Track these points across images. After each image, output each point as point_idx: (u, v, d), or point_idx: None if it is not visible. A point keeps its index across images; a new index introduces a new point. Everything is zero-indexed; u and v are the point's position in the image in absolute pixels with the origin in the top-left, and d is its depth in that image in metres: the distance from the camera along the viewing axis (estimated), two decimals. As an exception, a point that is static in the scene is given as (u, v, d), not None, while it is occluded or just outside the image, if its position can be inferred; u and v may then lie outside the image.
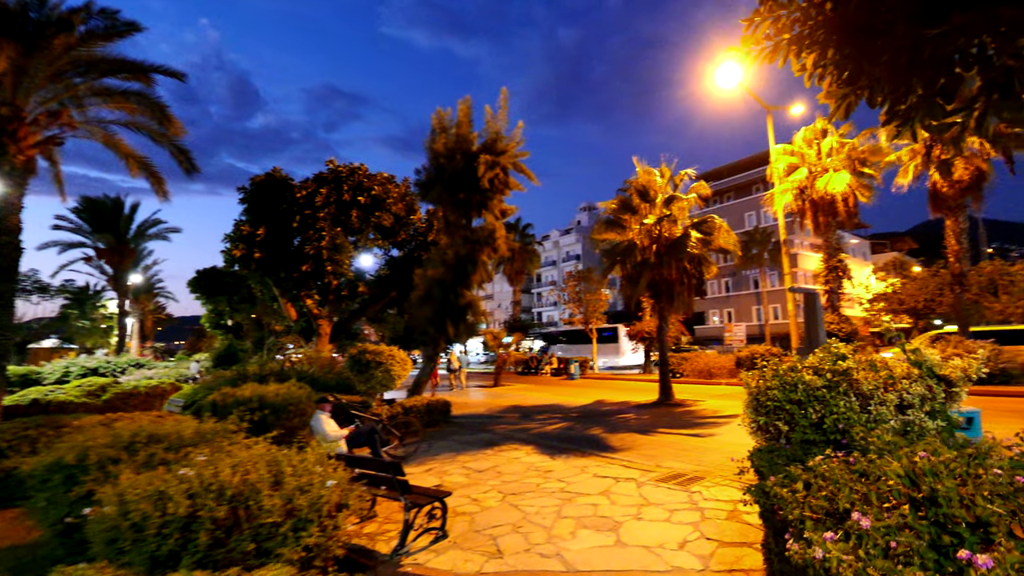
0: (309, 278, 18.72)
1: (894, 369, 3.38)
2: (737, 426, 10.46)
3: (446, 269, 13.25)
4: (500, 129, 13.62)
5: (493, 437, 10.12)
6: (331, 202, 18.38)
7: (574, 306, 29.86)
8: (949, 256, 15.75)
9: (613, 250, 14.68)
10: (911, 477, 1.95)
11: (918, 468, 1.95)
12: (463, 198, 13.50)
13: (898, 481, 1.94)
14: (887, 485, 2.01)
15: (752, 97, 18.94)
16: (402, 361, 10.66)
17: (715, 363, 20.46)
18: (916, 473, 1.95)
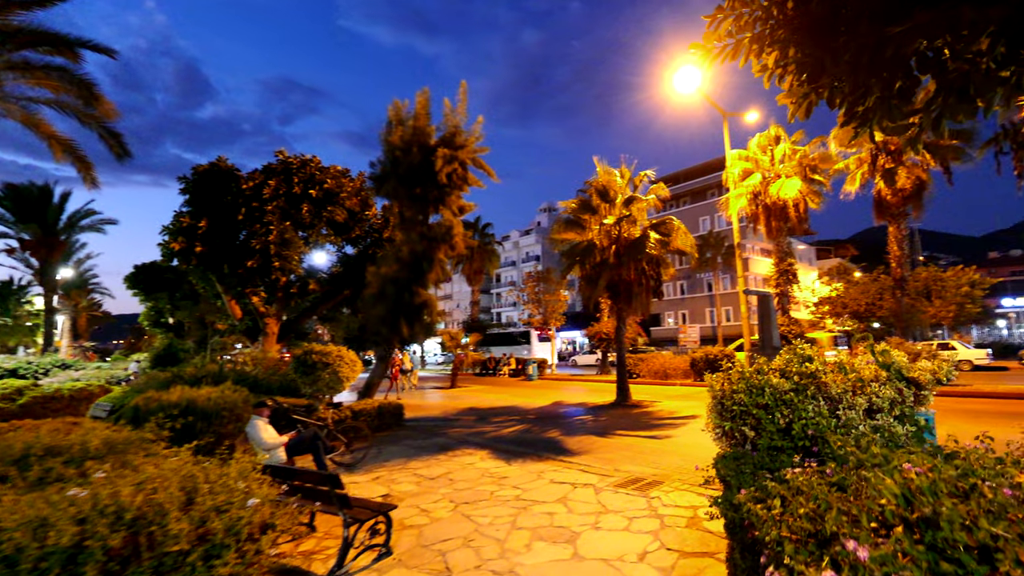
0: (255, 274, 17.76)
1: (862, 371, 3.23)
2: (695, 428, 10.43)
3: (401, 266, 12.74)
4: (459, 123, 13.23)
5: (447, 441, 9.72)
6: (280, 195, 17.50)
7: (533, 307, 29.72)
8: (892, 262, 16.39)
9: (573, 250, 14.52)
10: (907, 496, 1.71)
11: (914, 486, 1.72)
12: (420, 193, 13.04)
13: (893, 501, 1.70)
14: (878, 504, 1.77)
15: (710, 103, 19.24)
16: (351, 362, 10.12)
17: (671, 364, 20.66)
18: (912, 491, 1.72)
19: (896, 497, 1.69)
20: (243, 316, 20.97)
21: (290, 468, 4.50)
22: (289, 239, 17.67)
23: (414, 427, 11.61)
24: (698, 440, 8.90)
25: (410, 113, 13.42)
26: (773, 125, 18.91)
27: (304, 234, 19.73)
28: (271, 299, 20.22)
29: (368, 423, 10.49)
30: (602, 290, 14.08)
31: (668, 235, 13.59)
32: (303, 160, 18.48)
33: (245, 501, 3.21)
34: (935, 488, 1.68)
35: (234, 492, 3.29)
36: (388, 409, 11.12)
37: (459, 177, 12.94)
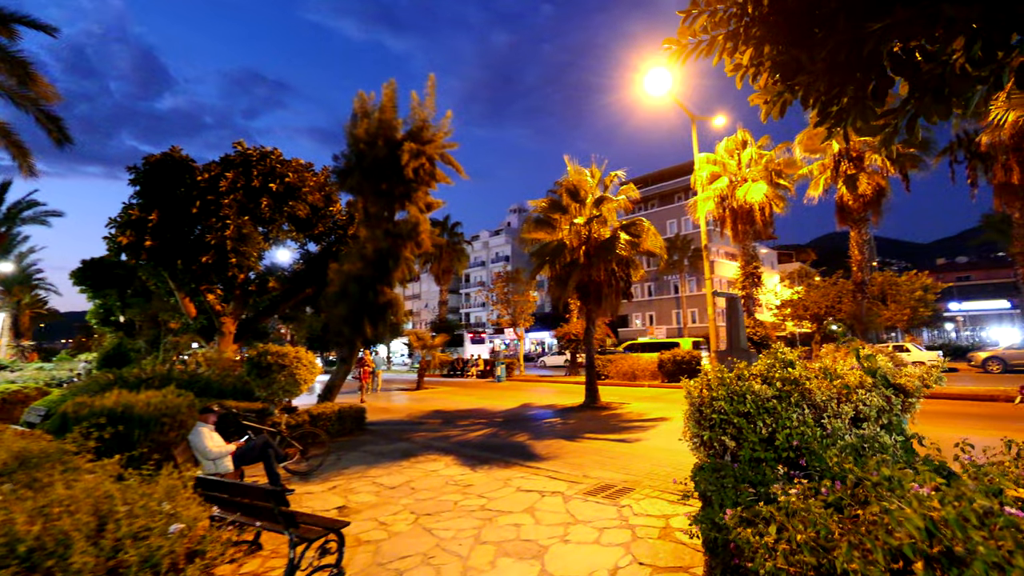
0: (211, 271, 16.92)
1: (847, 377, 3.05)
2: (664, 431, 10.32)
3: (365, 264, 12.26)
4: (427, 117, 12.84)
5: (410, 447, 9.33)
6: (238, 188, 16.73)
7: (502, 307, 29.44)
8: (852, 266, 16.75)
9: (543, 250, 14.29)
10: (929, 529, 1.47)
11: (938, 516, 1.48)
12: (385, 188, 12.58)
13: (915, 534, 1.46)
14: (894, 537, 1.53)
15: (679, 106, 19.33)
16: (309, 364, 9.61)
17: (639, 365, 20.67)
18: (935, 522, 1.48)
19: (919, 531, 1.45)
20: (198, 314, 20.02)
21: (228, 482, 4.08)
22: (247, 234, 16.91)
23: (377, 431, 11.15)
24: (668, 444, 8.78)
25: (376, 106, 12.95)
26: (740, 130, 19.15)
27: (264, 230, 18.95)
28: (228, 297, 19.36)
29: (327, 428, 10.02)
30: (572, 290, 13.88)
31: (638, 236, 13.50)
32: (263, 152, 17.73)
33: (168, 526, 2.80)
34: (961, 519, 1.45)
35: (156, 515, 2.88)
36: (349, 413, 10.64)
37: (426, 172, 12.55)
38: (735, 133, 19.15)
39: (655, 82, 18.11)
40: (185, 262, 16.92)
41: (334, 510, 5.92)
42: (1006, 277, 67.09)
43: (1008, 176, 13.56)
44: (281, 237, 19.37)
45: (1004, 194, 13.76)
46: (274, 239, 19.16)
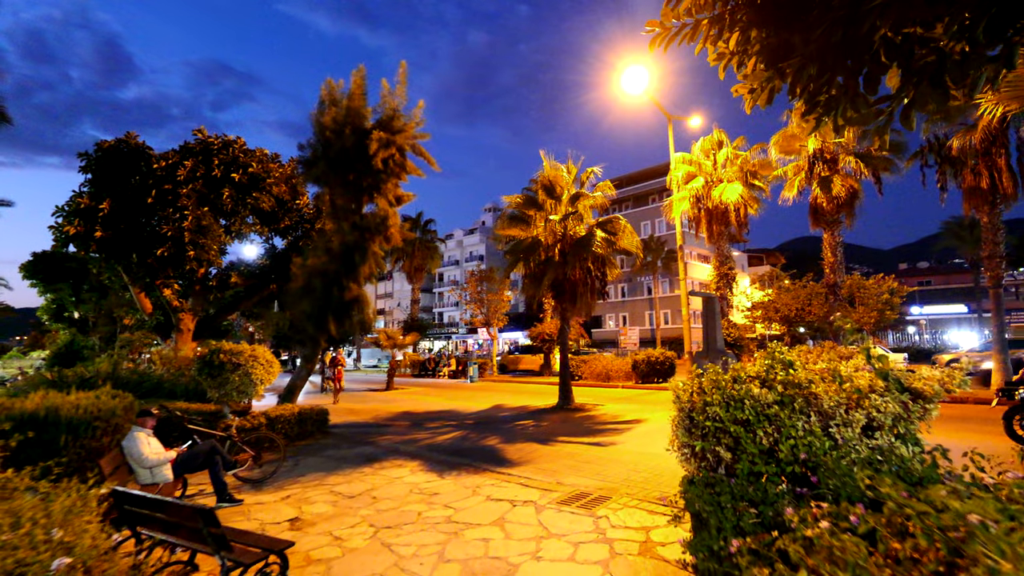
0: (167, 264, 15.99)
1: (857, 380, 2.71)
2: (640, 433, 10.02)
3: (330, 258, 11.66)
4: (398, 106, 12.30)
5: (375, 451, 8.80)
6: (198, 177, 15.84)
7: (475, 306, 28.95)
8: (825, 268, 16.84)
9: (517, 247, 13.89)
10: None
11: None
12: (352, 180, 12.00)
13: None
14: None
15: (655, 104, 19.18)
16: (267, 363, 9.00)
17: (613, 366, 20.47)
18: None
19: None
20: (154, 310, 19.01)
21: (150, 498, 3.53)
22: (207, 226, 16.03)
23: (340, 435, 10.58)
24: (644, 447, 8.46)
25: (345, 93, 12.36)
26: (716, 130, 19.10)
27: (226, 223, 18.07)
28: (186, 292, 18.41)
29: (286, 431, 9.41)
30: (546, 289, 13.52)
31: (615, 234, 13.21)
32: (225, 141, 16.86)
33: (51, 562, 2.28)
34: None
35: (40, 547, 2.35)
36: (310, 415, 10.05)
37: (396, 164, 12.01)
38: (711, 133, 19.11)
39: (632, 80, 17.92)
40: (140, 255, 15.97)
41: (285, 523, 5.39)
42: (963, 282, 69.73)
43: (977, 181, 13.72)
44: (244, 231, 18.49)
45: (973, 198, 13.92)
46: (237, 232, 18.28)
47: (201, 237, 15.93)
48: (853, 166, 15.37)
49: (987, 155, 13.48)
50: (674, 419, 3.36)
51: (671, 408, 3.62)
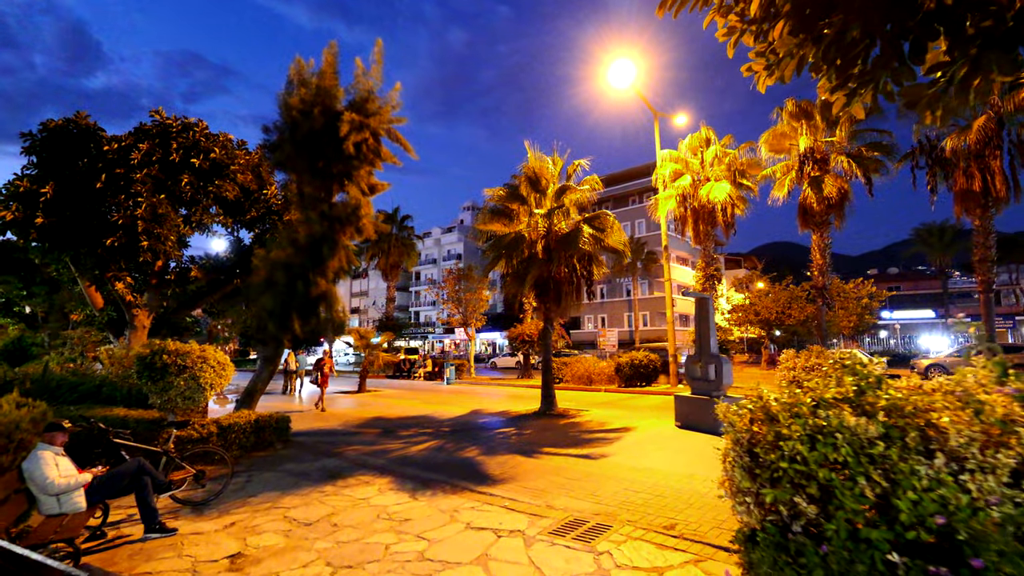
0: (118, 255, 14.73)
1: (994, 406, 1.97)
2: (631, 443, 9.30)
3: (296, 250, 10.68)
4: (373, 88, 11.39)
5: (340, 464, 7.88)
6: (154, 161, 14.60)
7: (453, 305, 28.03)
8: (813, 270, 16.46)
9: (499, 242, 13.06)
10: None
11: None
12: (322, 166, 11.05)
13: None
14: None
15: (642, 99, 18.60)
16: (219, 365, 7.99)
17: (595, 369, 19.80)
18: None
19: None
20: (105, 305, 17.62)
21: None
22: (163, 215, 14.78)
23: (303, 444, 9.61)
24: (637, 460, 7.72)
25: (315, 72, 11.39)
26: (704, 127, 18.63)
27: (187, 212, 16.84)
28: (141, 286, 17.09)
29: (241, 441, 8.43)
30: (530, 287, 12.73)
31: (603, 230, 12.50)
32: (186, 123, 15.64)
33: None
34: None
35: None
36: (268, 422, 9.06)
37: (370, 149, 11.09)
38: (698, 131, 18.60)
39: (619, 73, 17.30)
40: (88, 244, 14.67)
41: (224, 560, 4.48)
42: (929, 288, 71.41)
43: (969, 183, 13.43)
44: (207, 221, 17.24)
45: (965, 201, 13.64)
46: (198, 223, 17.03)
47: (157, 226, 14.68)
48: (845, 166, 14.99)
49: (980, 157, 13.19)
50: (725, 451, 2.58)
51: (660, 415, 2.98)
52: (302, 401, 18.38)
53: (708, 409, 10.11)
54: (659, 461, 7.72)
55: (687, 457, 7.95)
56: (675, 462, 7.62)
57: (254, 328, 11.61)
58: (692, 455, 8.08)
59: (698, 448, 8.60)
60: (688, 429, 10.35)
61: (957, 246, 61.64)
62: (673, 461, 7.70)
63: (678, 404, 10.89)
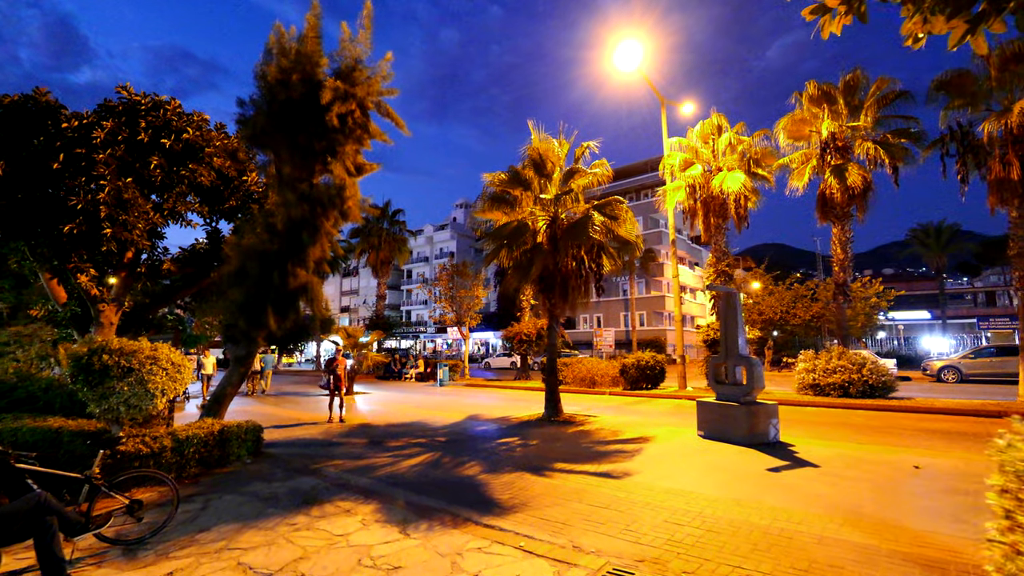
0: (79, 244, 13.35)
1: None
2: (653, 455, 8.14)
3: (271, 237, 9.44)
4: (361, 56, 10.15)
5: (317, 485, 6.65)
6: (119, 141, 13.25)
7: (447, 303, 26.77)
8: (834, 266, 15.40)
9: (500, 232, 11.85)
10: None
11: None
12: (303, 142, 9.80)
13: None
14: None
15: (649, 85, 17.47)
16: (174, 366, 6.72)
17: (598, 370, 18.65)
18: None
19: None
20: (69, 300, 16.22)
21: None
22: (129, 200, 13.42)
23: (277, 457, 8.36)
24: (669, 479, 6.53)
25: (296, 39, 10.14)
26: (715, 114, 17.53)
27: (159, 199, 15.48)
28: (106, 279, 15.70)
29: (202, 456, 7.18)
30: (534, 282, 11.55)
31: (616, 218, 11.35)
32: (156, 101, 14.25)
33: None
34: None
35: None
36: (235, 433, 7.82)
37: (356, 123, 9.86)
38: (709, 118, 17.50)
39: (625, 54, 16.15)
40: (44, 231, 13.29)
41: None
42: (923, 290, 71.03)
43: (1007, 171, 12.41)
44: (181, 209, 15.88)
45: (1000, 190, 12.61)
46: (171, 211, 15.66)
47: (122, 213, 13.30)
48: (872, 152, 13.94)
49: (1020, 142, 12.17)
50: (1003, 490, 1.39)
51: (676, 422, 2.06)
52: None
53: (738, 417, 8.99)
54: (694, 481, 6.56)
55: (724, 476, 6.80)
56: (713, 482, 6.47)
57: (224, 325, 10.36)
58: (729, 473, 6.93)
59: (733, 464, 7.46)
60: (714, 439, 9.22)
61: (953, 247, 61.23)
62: (710, 481, 6.54)
63: (701, 411, 9.75)
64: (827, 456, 7.81)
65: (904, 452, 8.09)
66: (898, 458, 7.65)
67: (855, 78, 14.66)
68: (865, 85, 14.78)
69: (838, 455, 7.88)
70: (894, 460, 7.52)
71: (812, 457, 7.76)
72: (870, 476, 6.64)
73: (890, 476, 6.65)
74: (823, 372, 14.51)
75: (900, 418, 11.63)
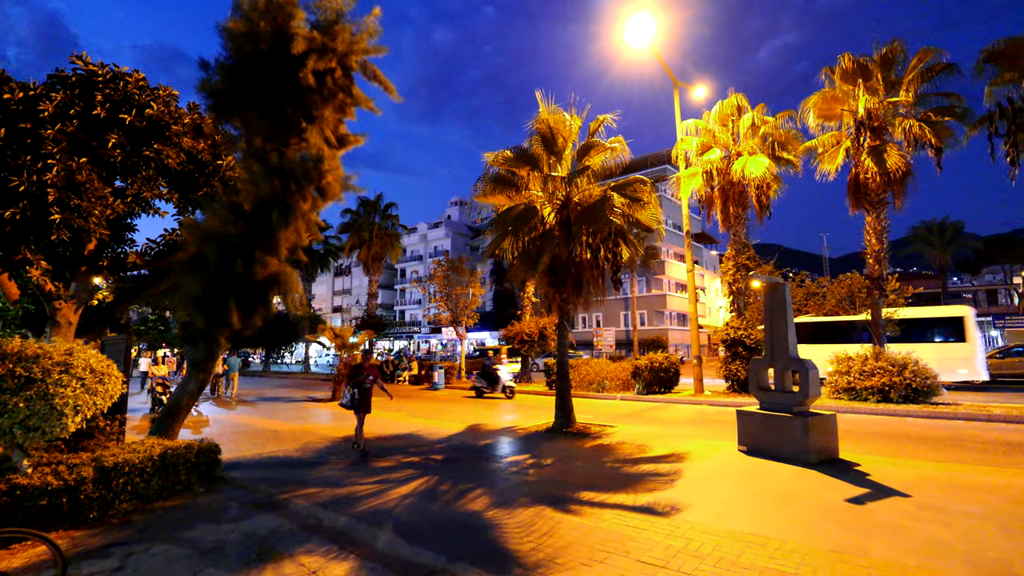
0: (25, 232, 11.75)
1: None
2: (698, 479, 6.54)
3: (235, 217, 7.93)
4: (343, 7, 8.65)
5: (278, 528, 5.14)
6: (71, 116, 11.68)
7: (442, 302, 25.27)
8: (868, 257, 14.02)
9: (504, 217, 10.37)
10: None
11: None
12: (274, 106, 8.29)
13: None
14: None
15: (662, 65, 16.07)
16: (94, 375, 5.21)
17: (606, 372, 17.20)
18: None
19: None
20: (21, 296, 14.60)
21: None
22: (84, 184, 11.85)
23: (236, 483, 6.85)
24: (734, 519, 4.98)
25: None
26: (734, 94, 16.11)
27: (123, 184, 13.89)
28: (64, 274, 14.10)
29: (136, 488, 5.68)
30: (543, 273, 10.09)
31: (639, 200, 9.92)
32: (116, 73, 12.67)
33: None
34: None
35: None
36: (184, 456, 6.31)
37: (338, 84, 8.37)
38: (727, 98, 16.09)
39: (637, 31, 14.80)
40: (-15, 218, 11.69)
41: None
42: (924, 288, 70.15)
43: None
44: (147, 195, 14.28)
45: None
46: (135, 197, 14.07)
47: (74, 197, 11.72)
48: (916, 131, 12.57)
49: (1087, 116, 10.82)
50: None
51: (706, 432, 1.75)
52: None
53: (792, 430, 7.57)
54: (763, 518, 5.11)
55: (799, 512, 5.34)
56: (789, 521, 5.01)
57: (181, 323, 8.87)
58: (804, 507, 5.48)
59: (800, 492, 6.01)
60: (760, 456, 7.80)
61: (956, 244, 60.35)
62: (784, 519, 5.09)
63: (743, 422, 8.32)
64: (909, 480, 6.39)
65: (997, 473, 6.68)
66: (997, 481, 6.25)
67: (893, 51, 13.29)
68: (903, 59, 13.42)
69: (922, 478, 6.46)
70: (996, 484, 6.11)
71: (891, 481, 6.33)
72: (985, 510, 5.22)
73: (1010, 510, 5.23)
74: (859, 374, 13.13)
75: (958, 427, 10.25)
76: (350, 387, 9.21)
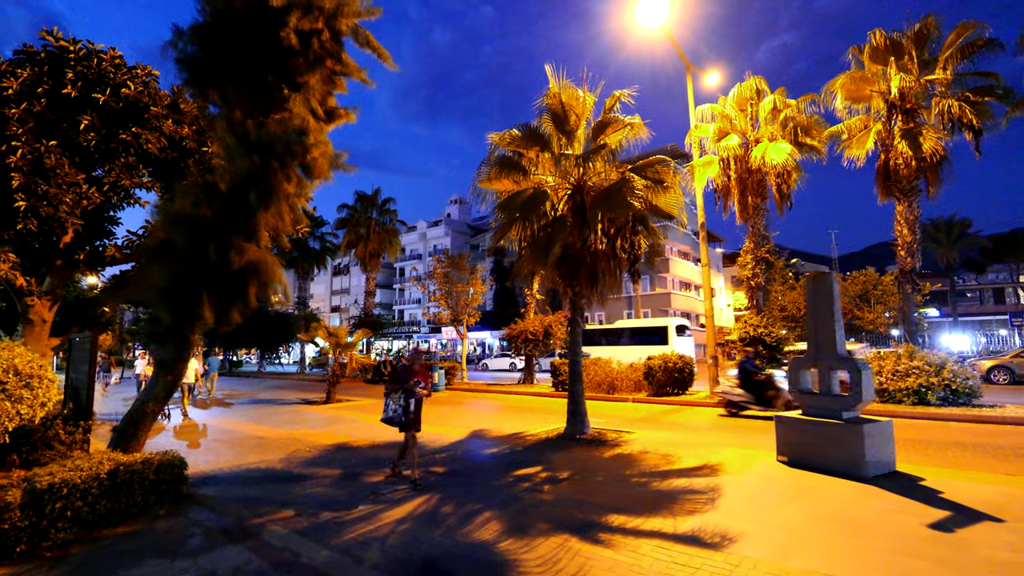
0: (-12, 222, 10.80)
1: None
2: (739, 498, 5.40)
3: (209, 198, 6.96)
4: (331, -38, 7.69)
5: (244, 565, 4.19)
6: (38, 95, 10.73)
7: (442, 299, 24.31)
8: (899, 250, 13.08)
9: (511, 202, 9.40)
10: None
11: None
12: (254, 73, 7.34)
13: None
14: None
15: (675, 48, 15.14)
16: (18, 378, 4.27)
17: (617, 374, 16.26)
18: None
19: None
20: (-9, 294, 13.67)
21: None
22: (53, 169, 10.89)
23: (204, 503, 5.89)
24: (801, 555, 3.94)
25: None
26: (752, 77, 15.18)
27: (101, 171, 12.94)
28: (37, 268, 13.14)
29: (79, 514, 4.73)
30: (553, 264, 9.13)
31: (662, 182, 8.96)
32: (90, 49, 11.72)
33: None
34: None
35: None
36: (141, 474, 5.36)
37: (325, 49, 7.41)
38: (745, 81, 15.15)
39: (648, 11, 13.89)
40: (-55, 207, 10.73)
41: None
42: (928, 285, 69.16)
43: None
44: (126, 183, 13.34)
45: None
46: (112, 185, 13.10)
47: (43, 183, 10.78)
48: (956, 111, 11.64)
49: None
50: None
51: (734, 438, 1.48)
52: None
53: (843, 439, 6.62)
54: (836, 553, 4.16)
55: (880, 544, 4.39)
56: (867, 557, 4.07)
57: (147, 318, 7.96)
58: (883, 537, 4.53)
59: (869, 515, 5.06)
60: (805, 468, 6.85)
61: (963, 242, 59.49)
62: (860, 553, 4.15)
63: (783, 430, 7.38)
64: (991, 499, 5.45)
65: (1091, 491, 5.74)
66: (1098, 503, 5.31)
67: (927, 26, 12.36)
68: (938, 36, 12.49)
69: (1006, 496, 5.52)
70: (1099, 508, 5.17)
71: (972, 501, 5.39)
72: (1106, 543, 4.28)
73: None
74: (892, 375, 12.20)
75: (1013, 433, 9.32)
76: (397, 395, 6.93)
